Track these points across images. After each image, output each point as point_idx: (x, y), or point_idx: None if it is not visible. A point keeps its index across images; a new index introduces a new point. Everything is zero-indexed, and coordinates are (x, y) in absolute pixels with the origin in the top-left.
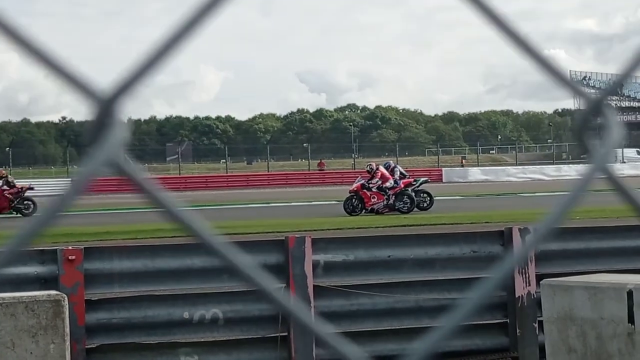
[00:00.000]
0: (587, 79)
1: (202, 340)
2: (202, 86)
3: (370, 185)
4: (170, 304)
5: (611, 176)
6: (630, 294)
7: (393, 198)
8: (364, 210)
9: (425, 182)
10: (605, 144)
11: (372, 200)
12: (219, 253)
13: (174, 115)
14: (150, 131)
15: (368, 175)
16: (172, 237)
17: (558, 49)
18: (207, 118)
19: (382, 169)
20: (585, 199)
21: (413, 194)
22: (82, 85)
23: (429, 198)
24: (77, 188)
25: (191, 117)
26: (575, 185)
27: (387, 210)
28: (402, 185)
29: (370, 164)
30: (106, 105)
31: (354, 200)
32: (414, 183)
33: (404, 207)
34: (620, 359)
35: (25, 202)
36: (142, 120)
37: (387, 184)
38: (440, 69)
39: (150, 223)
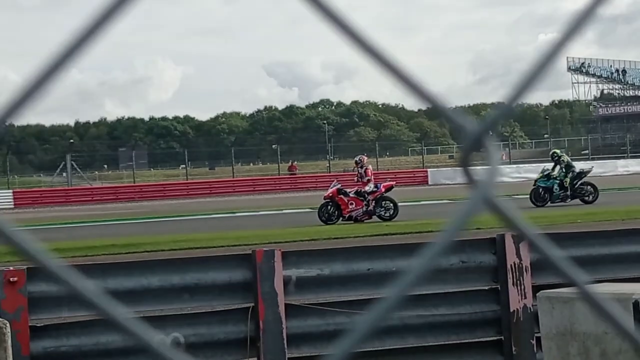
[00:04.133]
0: (585, 65)
1: None
2: (159, 83)
3: (348, 190)
4: None
5: (494, 205)
6: (636, 305)
7: (373, 204)
8: (341, 218)
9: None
10: (488, 174)
11: (350, 206)
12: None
13: (126, 117)
14: (100, 135)
15: (356, 167)
16: (126, 253)
17: (556, 33)
18: (164, 119)
19: (370, 167)
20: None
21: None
22: None
23: (392, 205)
24: None
25: (146, 118)
26: (458, 214)
27: (366, 217)
28: (383, 189)
29: (360, 157)
30: None
31: (329, 207)
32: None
33: (385, 213)
34: None
35: None
36: (91, 122)
37: (367, 188)
38: (424, 57)
39: (101, 238)
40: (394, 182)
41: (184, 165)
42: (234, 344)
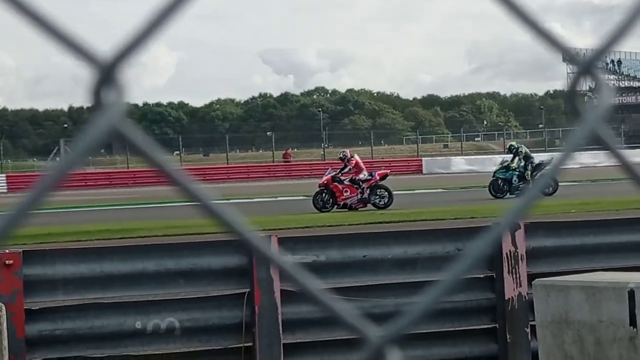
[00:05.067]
0: (583, 55)
1: (157, 352)
2: (154, 69)
3: (342, 178)
4: (120, 312)
5: (602, 137)
6: (631, 293)
7: (367, 192)
8: (335, 206)
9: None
10: (597, 105)
11: (345, 194)
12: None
13: None
14: None
15: (340, 163)
16: (120, 238)
17: (554, 22)
18: (158, 104)
19: (357, 157)
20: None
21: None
22: (82, 50)
23: (387, 193)
24: (75, 157)
25: (140, 104)
26: (568, 143)
27: (361, 205)
28: (378, 178)
29: (344, 151)
30: (107, 71)
31: (324, 194)
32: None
33: (380, 201)
34: None
35: None
36: (85, 107)
37: (361, 176)
38: (420, 46)
39: (96, 223)
40: (389, 171)
41: (177, 152)
42: (229, 329)
